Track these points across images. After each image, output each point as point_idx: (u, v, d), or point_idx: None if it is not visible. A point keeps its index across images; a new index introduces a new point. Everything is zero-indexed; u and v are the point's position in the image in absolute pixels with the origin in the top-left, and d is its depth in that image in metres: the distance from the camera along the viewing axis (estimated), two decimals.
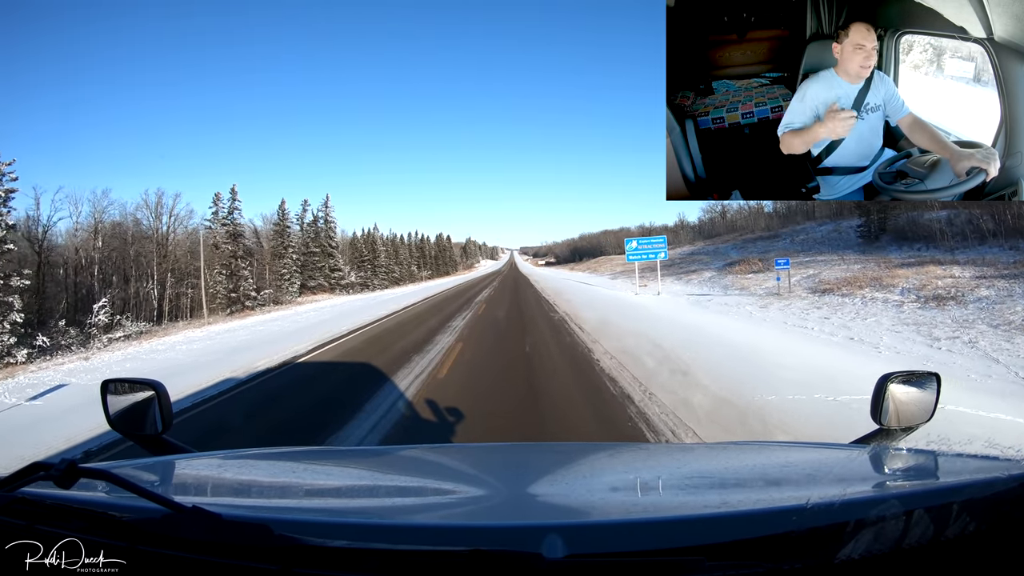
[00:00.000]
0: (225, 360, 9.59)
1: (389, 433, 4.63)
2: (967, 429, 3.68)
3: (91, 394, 5.37)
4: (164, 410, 1.31)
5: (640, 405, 5.09)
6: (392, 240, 63.86)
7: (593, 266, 56.76)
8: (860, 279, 14.23)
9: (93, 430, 5.05)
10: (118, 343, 18.68)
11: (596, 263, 59.66)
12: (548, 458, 1.46)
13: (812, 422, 4.26)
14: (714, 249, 34.07)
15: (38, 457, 3.45)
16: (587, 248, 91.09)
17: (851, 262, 17.79)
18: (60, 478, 0.69)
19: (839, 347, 8.06)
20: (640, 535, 0.69)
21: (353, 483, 1.18)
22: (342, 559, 0.64)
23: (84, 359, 13.23)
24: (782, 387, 5.37)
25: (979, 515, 0.66)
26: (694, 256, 33.16)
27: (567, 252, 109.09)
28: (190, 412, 5.85)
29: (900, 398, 1.26)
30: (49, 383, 8.72)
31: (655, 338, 9.03)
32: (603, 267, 49.33)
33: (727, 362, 6.87)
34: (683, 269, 27.98)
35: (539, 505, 0.96)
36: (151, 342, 16.24)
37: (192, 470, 1.19)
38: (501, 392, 5.97)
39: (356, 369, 8.00)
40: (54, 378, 9.30)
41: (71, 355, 15.76)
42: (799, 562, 0.62)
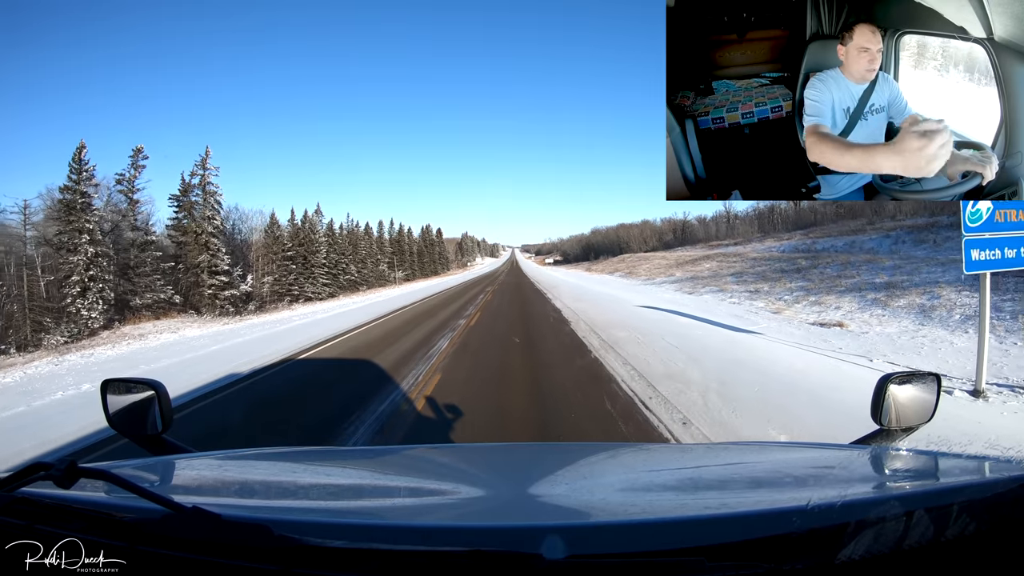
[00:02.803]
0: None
1: None
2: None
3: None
4: (164, 410, 1.31)
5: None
6: (351, 231, 48.02)
7: (616, 266, 43.60)
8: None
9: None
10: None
11: (621, 262, 46.12)
12: (548, 458, 1.46)
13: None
14: (849, 243, 20.46)
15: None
16: (602, 244, 78.46)
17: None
18: (60, 478, 0.69)
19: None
20: (640, 536, 0.69)
21: (353, 483, 1.18)
22: (342, 559, 0.64)
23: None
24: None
25: (979, 516, 0.66)
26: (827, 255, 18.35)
27: (578, 249, 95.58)
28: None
29: (900, 399, 1.26)
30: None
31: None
32: (639, 268, 34.11)
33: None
34: (825, 279, 14.17)
35: (539, 506, 0.96)
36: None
37: (192, 470, 1.19)
38: None
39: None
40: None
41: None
42: (800, 563, 0.62)
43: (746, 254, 25.75)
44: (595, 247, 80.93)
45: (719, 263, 24.47)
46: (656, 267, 31.87)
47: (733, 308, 13.07)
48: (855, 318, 9.80)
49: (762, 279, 17.02)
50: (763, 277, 17.38)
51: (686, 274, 24.16)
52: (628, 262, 43.75)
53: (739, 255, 25.93)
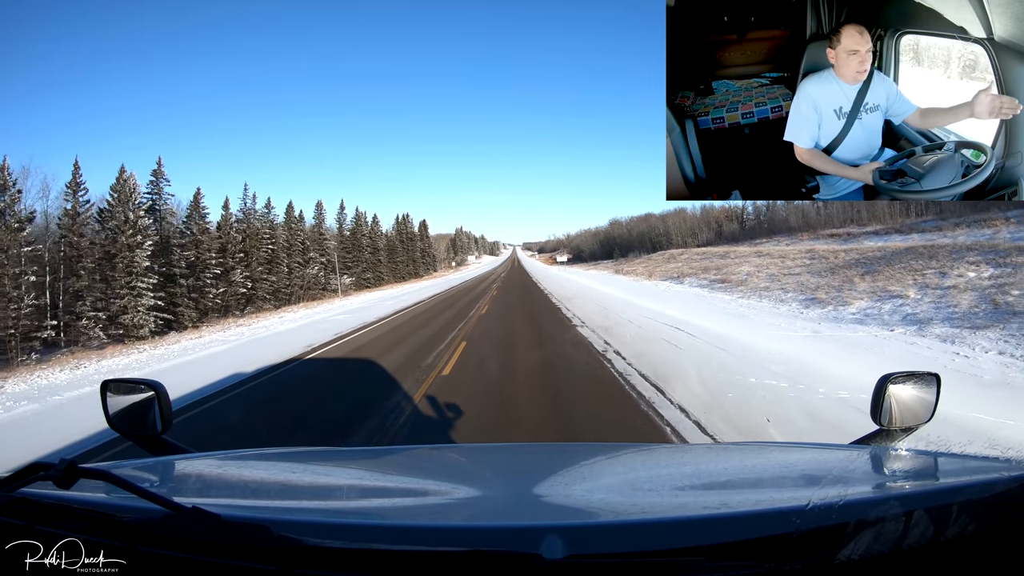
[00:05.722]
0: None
1: None
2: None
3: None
4: (164, 410, 1.31)
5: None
6: (247, 221, 35.19)
7: (660, 266, 29.92)
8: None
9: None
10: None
11: (666, 260, 32.85)
12: (548, 459, 1.46)
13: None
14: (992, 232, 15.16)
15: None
16: (628, 238, 63.82)
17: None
18: (60, 478, 0.69)
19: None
20: (640, 536, 0.69)
21: (353, 483, 1.18)
22: (342, 559, 0.64)
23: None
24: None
25: (979, 516, 0.66)
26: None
27: (594, 245, 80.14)
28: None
29: (900, 398, 1.26)
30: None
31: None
32: (740, 272, 19.76)
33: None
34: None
35: (539, 506, 0.96)
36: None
37: (192, 470, 1.19)
38: None
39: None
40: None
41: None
42: (799, 563, 0.62)
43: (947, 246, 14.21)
44: (619, 242, 65.80)
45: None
46: (764, 276, 17.90)
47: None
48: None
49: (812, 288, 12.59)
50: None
51: (800, 282, 14.71)
52: (671, 261, 31.13)
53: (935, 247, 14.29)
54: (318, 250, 42.35)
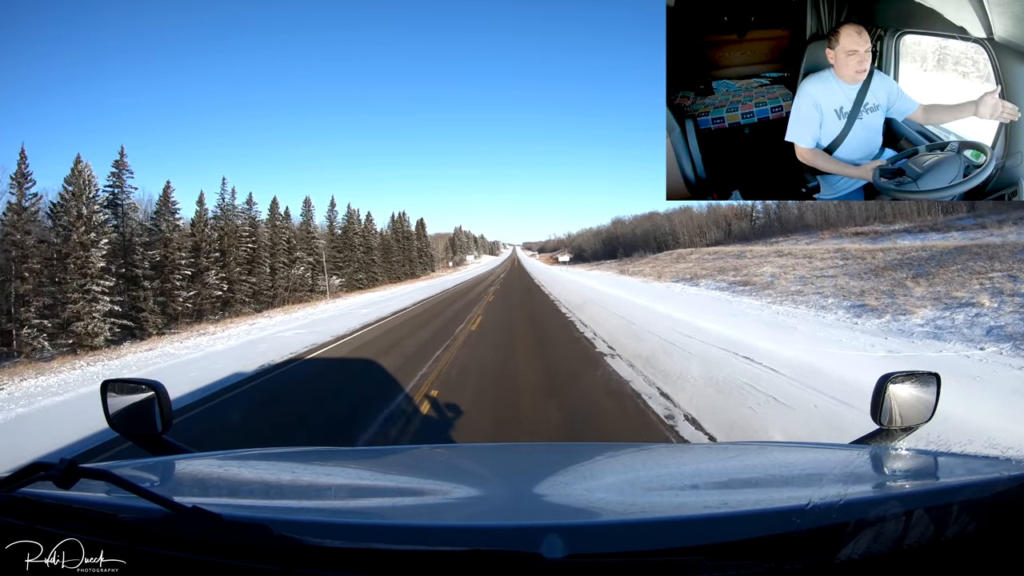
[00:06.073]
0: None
1: None
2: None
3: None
4: (164, 410, 1.31)
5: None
6: (224, 219, 32.32)
7: (669, 267, 29.19)
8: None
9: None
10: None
11: (674, 260, 31.78)
12: (548, 458, 1.46)
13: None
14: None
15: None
16: (633, 237, 61.24)
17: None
18: (60, 478, 0.69)
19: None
20: (640, 535, 0.69)
21: (353, 483, 1.18)
22: (342, 559, 0.64)
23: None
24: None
25: (979, 515, 0.66)
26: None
27: (597, 244, 78.36)
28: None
29: (900, 398, 1.26)
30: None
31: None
32: (763, 273, 18.63)
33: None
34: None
35: (539, 505, 0.96)
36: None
37: (192, 470, 1.19)
38: None
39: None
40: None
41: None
42: (799, 562, 0.62)
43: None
44: (622, 241, 63.82)
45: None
46: (792, 276, 16.65)
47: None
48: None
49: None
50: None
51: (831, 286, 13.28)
52: (684, 260, 30.13)
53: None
54: (306, 249, 39.64)
